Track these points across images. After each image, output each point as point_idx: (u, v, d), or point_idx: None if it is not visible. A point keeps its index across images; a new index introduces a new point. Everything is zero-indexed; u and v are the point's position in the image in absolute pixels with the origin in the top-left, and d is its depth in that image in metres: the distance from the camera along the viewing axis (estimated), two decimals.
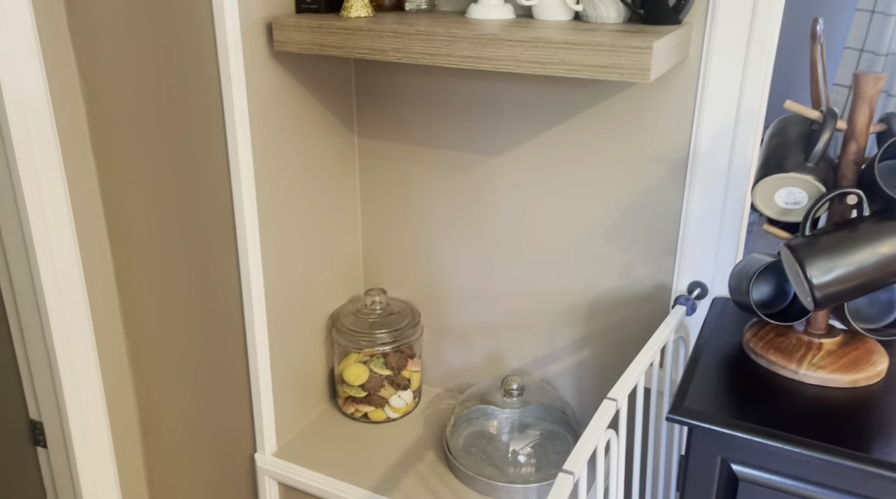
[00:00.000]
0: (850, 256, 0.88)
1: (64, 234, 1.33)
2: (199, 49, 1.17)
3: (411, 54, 1.10)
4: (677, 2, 1.08)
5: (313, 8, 1.23)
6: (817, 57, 2.71)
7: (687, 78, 1.18)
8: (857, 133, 0.91)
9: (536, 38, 1.01)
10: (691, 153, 1.21)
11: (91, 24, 1.25)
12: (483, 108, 1.36)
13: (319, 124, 1.38)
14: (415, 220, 1.51)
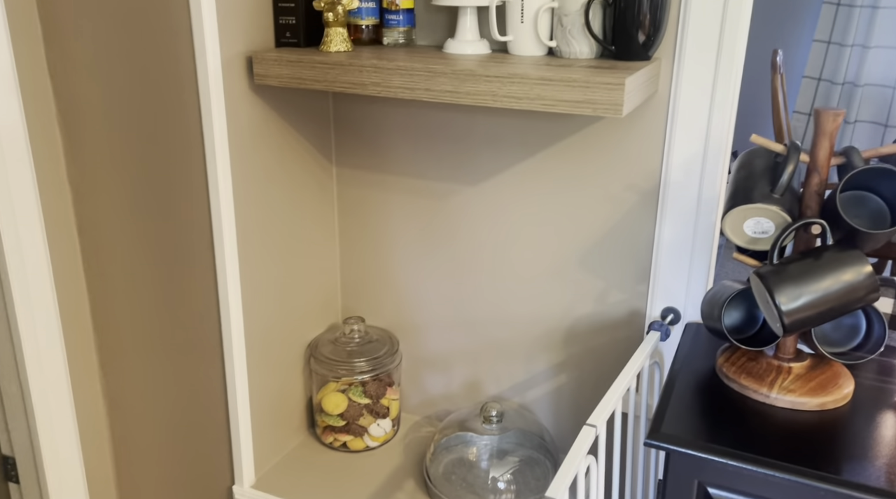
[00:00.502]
0: (816, 283, 0.91)
1: (39, 264, 1.32)
2: (179, 82, 1.18)
3: (391, 88, 1.12)
4: (647, 38, 1.13)
5: (293, 42, 1.25)
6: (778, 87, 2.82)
7: (657, 111, 1.22)
8: (819, 166, 0.95)
9: (513, 74, 1.04)
10: (662, 183, 1.25)
11: (69, 57, 1.26)
12: (460, 139, 1.39)
13: (298, 154, 1.40)
14: (393, 248, 1.52)
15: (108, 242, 1.37)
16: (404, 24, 1.28)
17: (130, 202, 1.32)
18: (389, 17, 1.28)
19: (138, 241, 1.34)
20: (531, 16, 1.17)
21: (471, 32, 1.23)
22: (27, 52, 1.24)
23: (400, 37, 1.29)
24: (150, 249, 1.34)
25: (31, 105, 1.26)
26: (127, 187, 1.31)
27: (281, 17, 1.24)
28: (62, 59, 1.26)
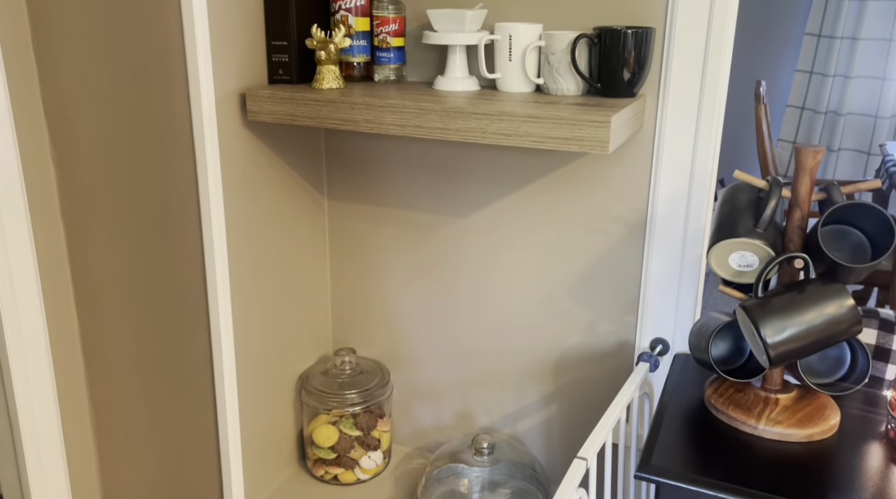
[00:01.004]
0: (800, 316, 0.93)
1: (31, 300, 1.32)
2: (173, 119, 1.20)
3: (382, 125, 1.14)
4: (632, 76, 1.16)
5: (286, 79, 1.27)
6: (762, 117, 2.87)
7: (643, 145, 1.25)
8: (801, 201, 0.98)
9: (502, 112, 1.06)
10: (649, 215, 1.27)
11: (64, 94, 1.27)
12: (449, 172, 1.41)
13: (290, 188, 1.41)
14: (383, 279, 1.53)
15: (100, 278, 1.38)
16: (395, 61, 1.31)
17: (124, 237, 1.33)
18: (380, 55, 1.30)
19: (131, 274, 1.35)
20: (519, 54, 1.20)
21: (460, 70, 1.25)
22: (22, 90, 1.26)
23: (391, 73, 1.32)
24: (142, 282, 1.34)
25: (25, 140, 1.28)
26: (120, 222, 1.32)
27: (274, 54, 1.27)
28: (57, 96, 1.28)
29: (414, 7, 1.33)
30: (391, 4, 1.28)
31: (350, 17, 1.28)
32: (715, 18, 1.14)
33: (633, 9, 1.19)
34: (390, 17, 1.28)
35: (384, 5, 1.28)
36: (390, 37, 1.29)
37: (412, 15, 1.34)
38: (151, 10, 1.15)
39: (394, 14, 1.28)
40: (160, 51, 1.16)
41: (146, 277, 1.34)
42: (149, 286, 1.34)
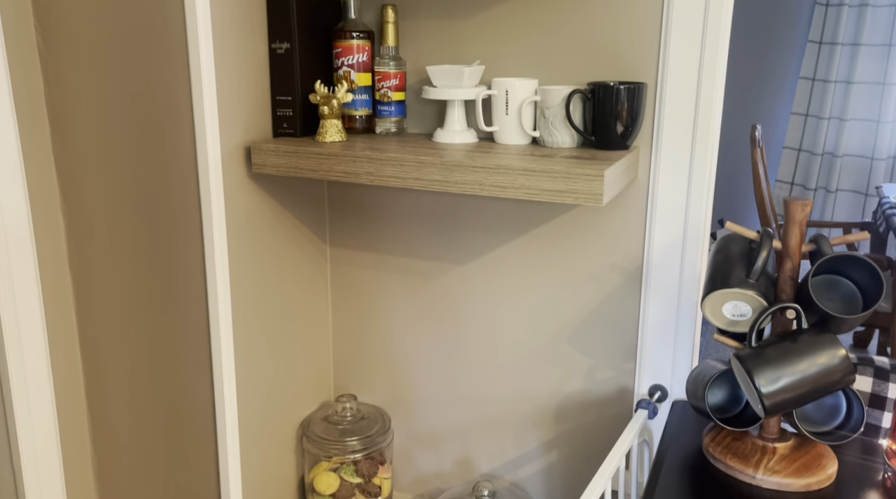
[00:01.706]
0: (794, 366, 0.95)
1: (37, 349, 1.34)
2: (180, 171, 1.24)
3: (383, 177, 1.17)
4: (625, 129, 1.19)
5: (290, 132, 1.31)
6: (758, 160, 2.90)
7: (637, 196, 1.28)
8: (791, 252, 1.00)
9: (498, 166, 1.10)
10: (645, 263, 1.29)
11: (75, 148, 1.31)
12: (449, 221, 1.44)
13: (293, 236, 1.44)
14: (384, 325, 1.55)
15: (105, 323, 1.40)
16: (396, 114, 1.35)
17: (129, 285, 1.35)
18: (382, 108, 1.35)
19: (136, 321, 1.37)
20: (515, 108, 1.24)
21: (459, 123, 1.29)
22: (35, 143, 1.30)
23: (392, 126, 1.36)
24: (146, 328, 1.36)
25: (36, 191, 1.31)
26: (126, 270, 1.35)
27: (279, 109, 1.31)
28: (68, 150, 1.32)
29: (414, 63, 1.38)
30: (392, 60, 1.32)
31: (352, 72, 1.32)
32: (705, 72, 1.18)
33: (625, 64, 1.23)
34: (391, 72, 1.32)
35: (385, 61, 1.32)
36: (391, 91, 1.33)
37: (412, 70, 1.39)
38: (161, 67, 1.19)
39: (395, 70, 1.33)
40: (168, 107, 1.21)
41: (150, 323, 1.36)
42: (152, 333, 1.36)
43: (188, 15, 1.14)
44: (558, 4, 1.25)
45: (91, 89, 1.26)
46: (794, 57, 3.80)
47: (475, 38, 1.32)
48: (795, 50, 3.79)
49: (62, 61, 1.27)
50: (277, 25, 1.27)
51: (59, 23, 1.25)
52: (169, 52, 1.18)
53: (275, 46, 1.28)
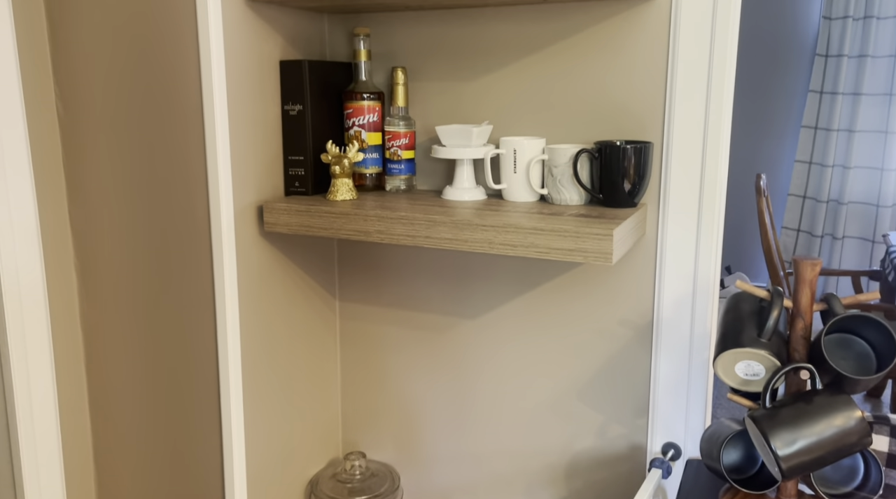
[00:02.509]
0: (810, 428, 0.94)
1: (46, 405, 1.33)
2: (194, 230, 1.25)
3: (393, 236, 1.19)
4: (632, 187, 1.21)
5: (301, 191, 1.33)
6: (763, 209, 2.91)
7: (646, 251, 1.28)
8: (803, 311, 1.00)
9: (508, 224, 1.11)
10: (655, 319, 1.29)
11: (90, 207, 1.33)
12: (458, 275, 1.44)
13: (303, 291, 1.45)
14: (393, 380, 1.54)
15: (116, 381, 1.40)
16: (406, 172, 1.37)
17: (140, 342, 1.36)
18: (392, 166, 1.37)
19: (146, 377, 1.37)
20: (523, 166, 1.26)
21: (468, 181, 1.31)
22: (51, 205, 1.32)
23: (401, 184, 1.38)
24: (156, 386, 1.36)
25: (50, 251, 1.33)
26: (137, 327, 1.35)
27: (291, 168, 1.33)
28: (83, 211, 1.34)
29: (423, 121, 1.41)
30: (402, 120, 1.35)
31: (363, 132, 1.35)
32: (710, 130, 1.20)
33: (631, 122, 1.26)
34: (401, 131, 1.35)
35: (395, 121, 1.35)
36: (401, 150, 1.36)
37: (422, 128, 1.41)
38: (176, 130, 1.22)
39: (405, 129, 1.35)
40: (183, 168, 1.23)
41: (160, 381, 1.36)
42: (162, 390, 1.36)
43: (204, 79, 1.17)
44: (563, 66, 1.28)
45: (108, 152, 1.29)
46: (796, 105, 3.85)
47: (483, 98, 1.35)
48: (797, 98, 3.84)
49: (80, 125, 1.30)
50: (290, 88, 1.30)
51: (79, 88, 1.29)
52: (184, 116, 1.21)
53: (287, 108, 1.31)
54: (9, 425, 1.30)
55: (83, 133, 1.30)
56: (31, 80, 1.26)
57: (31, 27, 1.26)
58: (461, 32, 1.34)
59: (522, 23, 1.30)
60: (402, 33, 1.38)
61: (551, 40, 1.29)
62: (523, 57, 1.31)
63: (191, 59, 1.18)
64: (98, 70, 1.26)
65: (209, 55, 1.16)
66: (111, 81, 1.25)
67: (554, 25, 1.28)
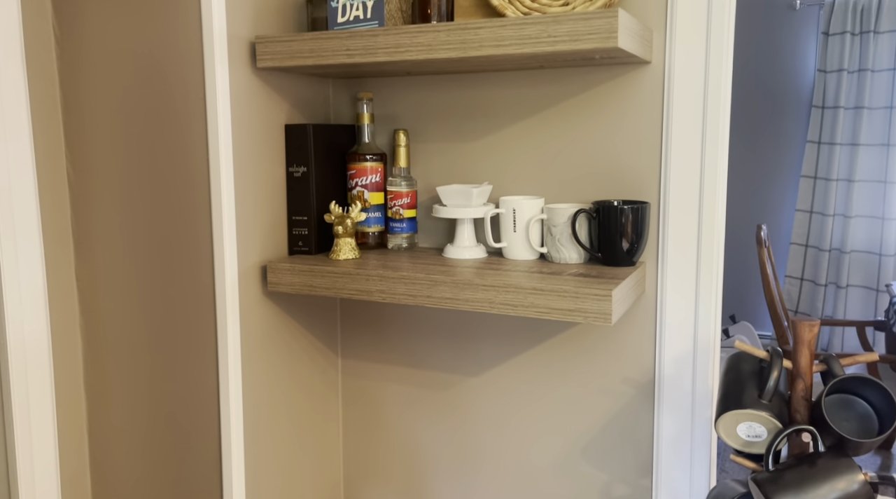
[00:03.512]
0: (813, 492, 0.93)
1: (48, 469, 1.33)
2: (198, 291, 1.27)
3: (395, 295, 1.20)
4: (630, 246, 1.22)
5: (305, 250, 1.35)
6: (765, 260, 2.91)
7: (646, 309, 1.29)
8: (802, 372, 1.00)
9: (508, 284, 1.12)
10: (657, 377, 1.29)
11: (96, 268, 1.35)
12: (460, 333, 1.45)
13: (305, 349, 1.45)
14: (396, 438, 1.53)
15: (119, 444, 1.39)
16: (407, 230, 1.39)
17: (143, 401, 1.36)
18: (394, 225, 1.39)
19: (149, 437, 1.36)
20: (523, 226, 1.28)
21: (468, 239, 1.33)
22: (58, 265, 1.34)
23: (403, 242, 1.40)
24: (159, 444, 1.36)
25: (56, 312, 1.34)
26: (140, 385, 1.36)
27: (294, 228, 1.35)
28: (89, 272, 1.36)
29: (424, 181, 1.44)
30: (404, 180, 1.38)
31: (366, 192, 1.38)
32: (706, 189, 1.22)
33: (628, 183, 1.28)
34: (403, 191, 1.38)
35: (397, 181, 1.38)
36: (403, 209, 1.38)
37: (423, 188, 1.44)
38: (183, 192, 1.25)
39: (406, 189, 1.38)
40: (189, 229, 1.25)
41: (162, 439, 1.35)
42: (164, 449, 1.35)
43: (211, 143, 1.20)
44: (560, 128, 1.32)
45: (115, 212, 1.31)
46: (794, 155, 3.90)
47: (482, 158, 1.38)
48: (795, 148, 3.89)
49: (89, 186, 1.33)
50: (295, 151, 1.33)
51: (88, 150, 1.32)
52: (191, 178, 1.24)
53: (292, 170, 1.34)
54: (10, 490, 1.30)
55: (92, 194, 1.33)
56: (42, 143, 1.30)
57: (44, 92, 1.30)
58: (460, 96, 1.38)
59: (520, 87, 1.34)
60: (404, 97, 1.43)
61: (548, 103, 1.32)
62: (521, 119, 1.35)
63: (198, 124, 1.22)
64: (107, 133, 1.30)
65: (216, 121, 1.19)
66: (120, 144, 1.29)
67: (551, 89, 1.32)
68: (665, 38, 1.22)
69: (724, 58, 1.19)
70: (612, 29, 1.02)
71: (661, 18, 1.23)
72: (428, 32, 1.12)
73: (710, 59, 1.19)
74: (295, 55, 1.21)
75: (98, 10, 1.26)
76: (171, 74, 1.22)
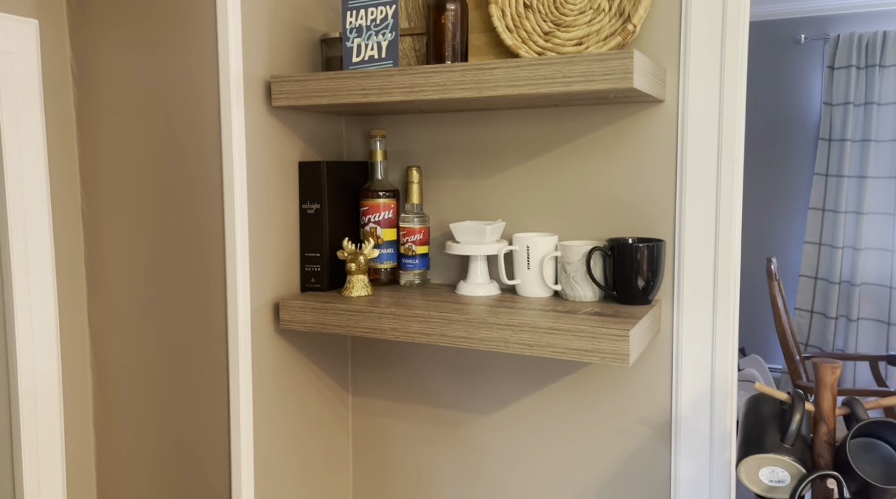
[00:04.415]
0: None
1: None
2: (210, 330, 1.26)
3: (408, 334, 1.19)
4: (646, 284, 1.21)
5: (317, 287, 1.35)
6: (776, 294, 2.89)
7: (662, 348, 1.28)
8: (825, 416, 0.98)
9: (523, 323, 1.11)
10: (674, 417, 1.27)
11: (108, 306, 1.35)
12: (473, 369, 1.43)
13: (315, 386, 1.44)
14: (406, 476, 1.51)
15: (127, 480, 1.37)
16: (420, 267, 1.39)
17: (153, 441, 1.34)
18: (406, 261, 1.39)
19: (158, 475, 1.34)
20: (537, 263, 1.27)
21: (481, 276, 1.32)
22: (70, 304, 1.34)
23: (416, 278, 1.39)
24: (169, 482, 1.34)
25: (67, 350, 1.33)
26: (151, 425, 1.34)
27: (307, 264, 1.35)
28: (101, 309, 1.36)
29: (437, 217, 1.43)
30: (416, 217, 1.38)
31: (379, 228, 1.37)
32: (721, 227, 1.21)
33: (642, 220, 1.28)
34: (416, 228, 1.37)
35: (410, 218, 1.38)
36: (416, 245, 1.38)
37: (435, 224, 1.44)
38: (197, 231, 1.25)
39: (419, 225, 1.38)
40: (202, 267, 1.25)
41: (173, 477, 1.33)
42: (175, 487, 1.33)
43: (226, 181, 1.21)
44: (574, 165, 1.32)
45: (128, 249, 1.31)
46: (802, 186, 3.90)
47: (495, 194, 1.38)
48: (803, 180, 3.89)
49: (103, 223, 1.33)
50: (309, 188, 1.33)
51: (103, 188, 1.33)
52: (205, 216, 1.24)
53: (306, 207, 1.34)
54: None
55: (105, 231, 1.33)
56: (58, 180, 1.31)
57: (61, 130, 1.31)
58: (474, 133, 1.39)
59: (533, 124, 1.34)
60: (417, 134, 1.43)
61: (562, 141, 1.32)
62: (535, 156, 1.35)
63: (213, 162, 1.22)
64: (123, 171, 1.30)
65: (231, 158, 1.20)
66: (135, 182, 1.29)
67: (565, 127, 1.32)
68: (678, 76, 1.23)
69: (737, 96, 1.19)
70: (627, 70, 1.02)
71: (674, 57, 1.23)
72: (443, 72, 1.13)
73: (724, 96, 1.20)
74: (310, 94, 1.22)
75: (116, 49, 1.28)
76: (187, 113, 1.23)
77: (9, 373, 1.26)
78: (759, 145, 3.96)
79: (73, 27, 1.30)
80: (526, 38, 1.28)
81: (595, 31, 1.23)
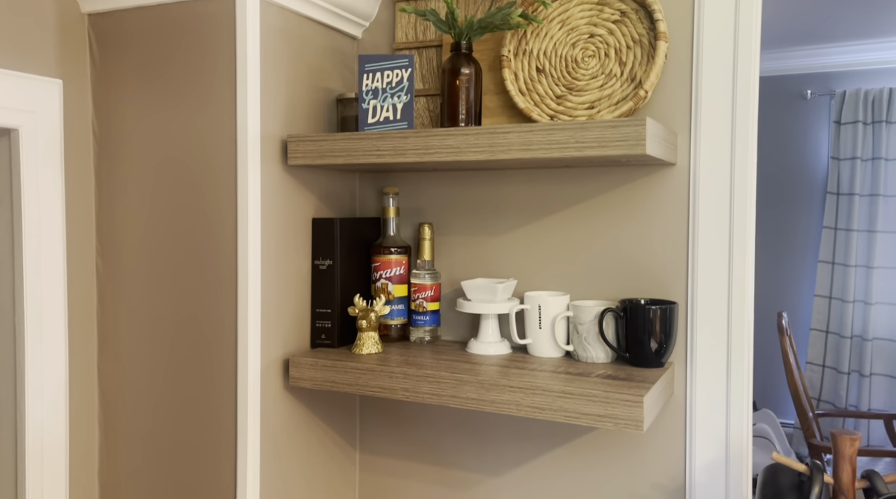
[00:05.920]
0: None
1: None
2: (219, 386, 1.25)
3: (419, 394, 1.18)
4: (659, 347, 1.20)
5: (327, 343, 1.34)
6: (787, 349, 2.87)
7: (675, 412, 1.26)
8: (845, 489, 0.96)
9: (535, 386, 1.10)
10: (688, 484, 1.24)
11: (118, 361, 1.35)
12: (483, 429, 1.41)
13: (323, 443, 1.42)
14: None
15: None
16: (430, 323, 1.38)
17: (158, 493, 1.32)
18: (417, 318, 1.38)
19: None
20: (548, 322, 1.26)
21: (493, 335, 1.32)
22: (81, 356, 1.34)
23: (426, 335, 1.38)
24: None
25: (76, 405, 1.33)
26: (156, 482, 1.32)
27: (318, 320, 1.35)
28: (111, 364, 1.35)
29: (448, 274, 1.44)
30: (428, 273, 1.38)
31: (390, 284, 1.38)
32: (734, 289, 1.21)
33: (655, 281, 1.27)
34: (427, 284, 1.38)
35: (422, 274, 1.38)
36: (427, 302, 1.37)
37: (447, 280, 1.44)
38: (210, 287, 1.25)
39: (430, 282, 1.38)
40: (214, 324, 1.25)
41: None
42: None
43: (240, 238, 1.22)
44: (585, 225, 1.32)
45: (140, 304, 1.32)
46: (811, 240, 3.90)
47: (506, 252, 1.39)
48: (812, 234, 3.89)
49: (116, 277, 1.34)
50: (322, 245, 1.34)
51: (118, 242, 1.34)
52: (218, 272, 1.24)
53: (318, 263, 1.34)
54: None
55: (119, 286, 1.34)
56: (74, 235, 1.32)
57: (80, 185, 1.33)
58: (486, 191, 1.40)
59: (545, 184, 1.35)
60: (430, 191, 1.44)
61: (574, 201, 1.33)
62: (546, 215, 1.35)
63: (228, 218, 1.23)
64: (138, 226, 1.31)
65: (246, 216, 1.21)
66: (150, 237, 1.30)
67: (576, 187, 1.33)
68: (690, 139, 1.24)
69: (748, 158, 1.20)
70: (640, 137, 1.03)
71: (685, 121, 1.25)
72: (457, 135, 1.14)
73: (735, 159, 1.21)
74: (326, 154, 1.23)
75: (136, 107, 1.30)
76: (204, 170, 1.25)
77: (17, 426, 1.25)
78: (767, 199, 3.98)
79: (96, 86, 1.34)
80: (538, 101, 1.30)
81: (607, 95, 1.25)
